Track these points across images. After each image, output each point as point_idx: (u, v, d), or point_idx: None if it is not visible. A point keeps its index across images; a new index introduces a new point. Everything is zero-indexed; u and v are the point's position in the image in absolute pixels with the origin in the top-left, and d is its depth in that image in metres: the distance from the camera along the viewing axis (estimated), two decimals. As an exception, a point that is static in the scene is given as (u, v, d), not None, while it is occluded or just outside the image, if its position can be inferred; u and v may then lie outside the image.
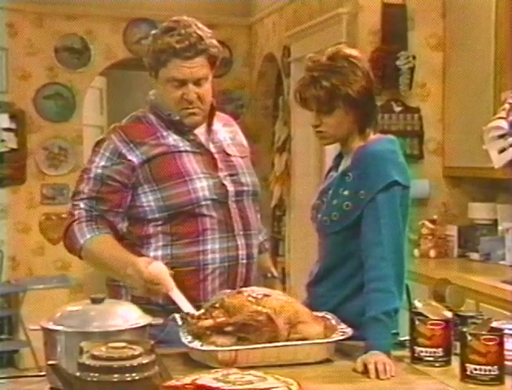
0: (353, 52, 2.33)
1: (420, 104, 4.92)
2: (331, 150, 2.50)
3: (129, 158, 2.42)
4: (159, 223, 2.41)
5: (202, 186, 2.42)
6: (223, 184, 2.46)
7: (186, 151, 2.46)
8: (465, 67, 4.67)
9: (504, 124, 3.72)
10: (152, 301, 2.37)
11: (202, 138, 2.50)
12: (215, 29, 2.52)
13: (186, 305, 2.24)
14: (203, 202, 2.41)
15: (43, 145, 6.94)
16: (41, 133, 6.94)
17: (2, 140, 6.60)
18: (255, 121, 7.27)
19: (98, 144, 2.49)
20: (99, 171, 2.43)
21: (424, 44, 4.90)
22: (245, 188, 2.51)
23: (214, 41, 2.46)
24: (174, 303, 2.30)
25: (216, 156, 2.49)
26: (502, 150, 3.74)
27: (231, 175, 2.49)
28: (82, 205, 2.42)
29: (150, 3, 6.92)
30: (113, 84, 8.39)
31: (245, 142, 2.67)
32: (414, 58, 4.79)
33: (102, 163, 2.43)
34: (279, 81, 7.03)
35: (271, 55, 6.87)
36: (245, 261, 2.46)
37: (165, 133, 2.47)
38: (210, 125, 2.54)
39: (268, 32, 6.92)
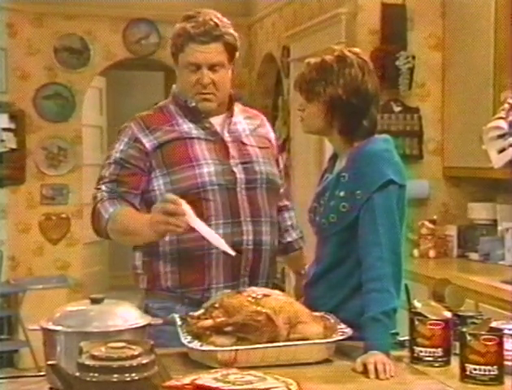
0: (353, 58, 2.31)
1: (420, 104, 4.92)
2: (331, 150, 2.51)
3: (144, 142, 2.51)
4: None
5: (209, 171, 2.47)
6: (233, 171, 2.50)
7: (198, 138, 2.53)
8: (464, 67, 4.68)
9: (503, 124, 3.72)
10: (163, 286, 2.49)
11: (218, 127, 2.56)
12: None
13: (207, 230, 2.29)
14: (209, 187, 2.46)
15: (42, 145, 6.95)
16: (41, 133, 6.94)
17: (2, 141, 6.59)
18: (255, 121, 7.27)
19: (120, 132, 2.59)
20: (118, 155, 2.53)
21: (424, 44, 4.90)
22: (258, 177, 2.54)
23: (231, 30, 2.56)
24: (181, 287, 2.46)
25: (230, 144, 2.54)
26: (502, 150, 3.74)
27: (243, 163, 2.53)
28: (104, 187, 2.51)
29: (150, 3, 6.92)
30: (112, 84, 8.41)
31: (271, 136, 2.73)
32: (413, 58, 4.79)
33: (121, 148, 2.53)
34: (278, 81, 7.03)
35: (270, 55, 6.87)
36: (251, 246, 2.48)
37: (181, 121, 2.55)
38: (229, 116, 2.59)
39: (267, 32, 6.92)
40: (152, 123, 2.54)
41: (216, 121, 2.57)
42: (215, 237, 2.31)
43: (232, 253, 2.31)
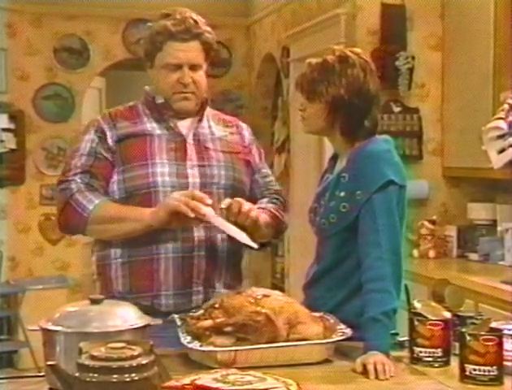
0: (355, 58, 2.31)
1: (419, 104, 4.92)
2: (331, 151, 2.51)
3: (107, 135, 2.45)
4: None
5: (163, 172, 2.40)
6: (187, 174, 2.42)
7: (159, 138, 2.46)
8: (464, 67, 4.68)
9: (503, 125, 3.73)
10: (115, 292, 2.40)
11: (184, 129, 2.50)
12: (215, 30, 2.54)
13: (232, 229, 2.28)
14: (160, 188, 2.39)
15: (42, 145, 6.94)
16: (40, 133, 6.94)
17: (1, 141, 6.60)
18: (254, 121, 7.26)
19: (87, 125, 2.55)
20: (89, 145, 2.46)
21: (423, 44, 4.90)
22: (215, 181, 2.44)
23: (209, 28, 2.49)
24: (131, 292, 2.36)
25: (190, 146, 2.47)
26: (501, 151, 3.74)
27: (201, 166, 2.45)
28: (78, 179, 2.42)
29: (149, 3, 6.90)
30: (112, 84, 8.39)
31: (246, 143, 2.62)
32: (413, 58, 4.79)
33: (91, 138, 2.47)
34: (278, 82, 7.03)
35: (269, 56, 6.87)
36: (202, 253, 2.40)
37: (145, 119, 2.50)
38: (199, 119, 2.52)
39: (267, 32, 6.92)
40: (117, 117, 2.50)
41: (184, 123, 2.50)
42: (237, 231, 2.29)
43: (255, 245, 2.28)
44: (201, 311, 2.15)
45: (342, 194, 2.28)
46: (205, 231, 2.40)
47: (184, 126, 2.50)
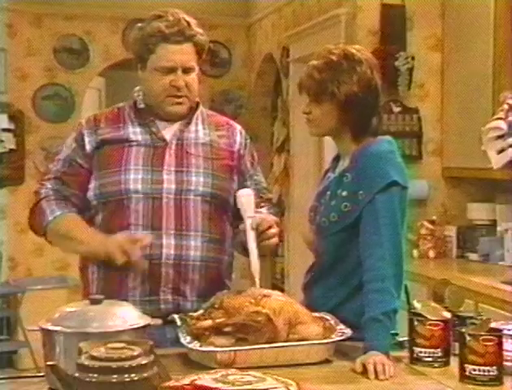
0: (360, 54, 2.31)
1: (419, 104, 4.92)
2: (331, 151, 2.50)
3: (86, 140, 2.44)
4: (92, 212, 2.43)
5: (136, 178, 2.37)
6: (162, 180, 2.38)
7: (138, 143, 2.43)
8: (463, 67, 4.68)
9: (502, 125, 3.73)
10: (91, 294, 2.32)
11: (168, 134, 2.45)
12: (214, 30, 2.55)
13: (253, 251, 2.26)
14: (133, 195, 2.36)
15: (41, 145, 6.94)
16: (40, 134, 6.93)
17: (1, 141, 6.60)
18: (254, 121, 7.27)
19: (75, 128, 2.54)
20: (66, 151, 2.48)
21: (423, 44, 4.91)
22: (193, 188, 2.39)
23: (201, 30, 2.45)
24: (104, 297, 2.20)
25: (170, 152, 2.42)
26: (501, 151, 3.75)
27: (179, 172, 2.40)
28: (49, 185, 2.45)
29: (149, 4, 6.86)
30: (112, 84, 8.40)
31: (235, 148, 2.53)
32: (412, 58, 4.79)
33: (70, 144, 2.48)
34: (277, 82, 7.03)
35: (269, 56, 6.87)
36: (171, 261, 2.35)
37: (129, 123, 2.47)
38: (186, 123, 2.48)
39: (267, 32, 6.92)
40: (100, 121, 2.47)
41: (171, 127, 2.46)
42: (255, 261, 2.24)
43: (257, 283, 2.21)
44: (201, 311, 2.16)
45: (344, 193, 2.28)
46: (175, 238, 2.36)
47: (169, 130, 2.46)
